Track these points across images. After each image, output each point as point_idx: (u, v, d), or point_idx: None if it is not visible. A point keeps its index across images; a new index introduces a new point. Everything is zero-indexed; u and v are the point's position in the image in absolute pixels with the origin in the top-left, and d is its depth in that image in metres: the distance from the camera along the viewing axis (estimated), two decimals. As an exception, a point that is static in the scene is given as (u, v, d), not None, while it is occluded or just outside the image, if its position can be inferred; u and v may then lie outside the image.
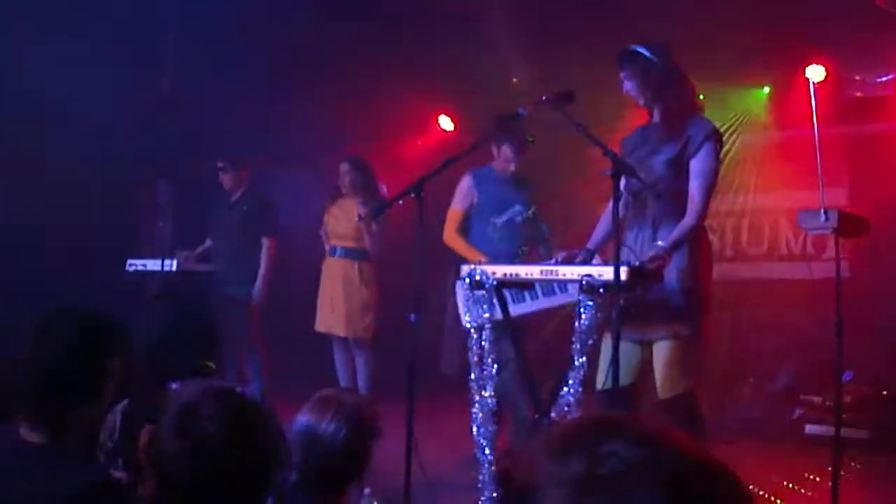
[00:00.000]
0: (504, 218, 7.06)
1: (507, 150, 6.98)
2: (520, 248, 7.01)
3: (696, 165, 5.00)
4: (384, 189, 8.22)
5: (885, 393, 7.98)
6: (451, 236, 7.20)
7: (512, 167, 7.05)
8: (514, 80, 10.13)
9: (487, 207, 7.11)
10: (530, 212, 7.11)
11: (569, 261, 5.03)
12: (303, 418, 3.35)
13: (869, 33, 7.93)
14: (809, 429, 7.95)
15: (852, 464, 6.53)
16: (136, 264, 8.45)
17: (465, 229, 7.18)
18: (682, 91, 5.14)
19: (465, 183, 7.23)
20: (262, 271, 8.46)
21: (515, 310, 5.37)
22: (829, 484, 5.02)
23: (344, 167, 8.23)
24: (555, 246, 6.76)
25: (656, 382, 5.03)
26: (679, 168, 5.02)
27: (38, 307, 2.97)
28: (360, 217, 7.92)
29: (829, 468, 5.07)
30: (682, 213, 4.97)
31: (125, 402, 3.53)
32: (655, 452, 1.35)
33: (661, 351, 4.99)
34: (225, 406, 2.41)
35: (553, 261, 5.08)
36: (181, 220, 9.75)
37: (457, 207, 7.23)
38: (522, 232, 7.07)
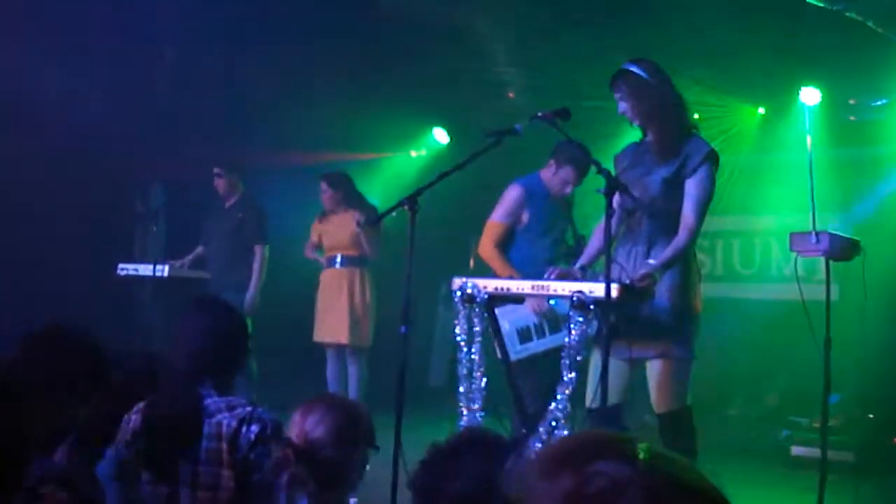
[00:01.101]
0: (553, 237, 6.77)
1: (569, 172, 6.59)
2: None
3: (692, 186, 4.99)
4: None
5: (871, 416, 8.00)
6: (489, 250, 6.67)
7: (569, 190, 6.71)
8: (510, 94, 10.15)
9: (538, 226, 6.71)
10: (576, 231, 6.81)
11: (562, 278, 5.01)
12: (297, 420, 3.35)
13: (864, 57, 7.96)
14: (796, 450, 7.96)
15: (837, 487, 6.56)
16: (127, 269, 8.43)
17: (504, 245, 6.69)
18: (677, 110, 5.13)
19: (515, 194, 6.72)
20: (253, 279, 8.45)
21: (525, 349, 5.35)
22: (815, 506, 5.04)
23: (322, 185, 8.36)
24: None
25: (651, 399, 5.05)
26: (675, 187, 5.01)
27: (31, 312, 2.99)
28: (358, 224, 7.96)
29: (815, 490, 5.07)
30: (677, 232, 4.98)
31: (144, 402, 3.53)
32: (644, 473, 1.34)
33: (655, 369, 5.00)
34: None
35: (546, 276, 5.06)
36: (174, 226, 9.74)
37: (500, 220, 6.70)
38: (564, 253, 6.76)
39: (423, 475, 2.61)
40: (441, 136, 11.13)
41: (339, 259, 8.30)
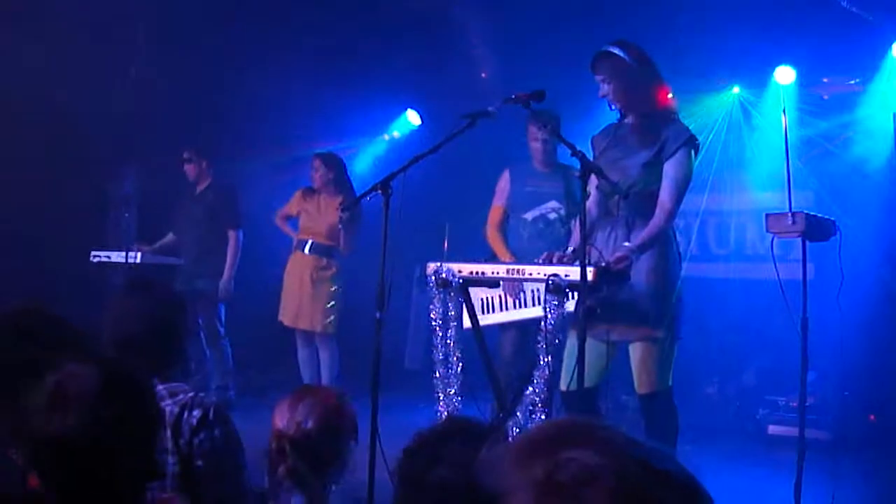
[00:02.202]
0: (535, 214, 6.91)
1: (532, 129, 6.70)
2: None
3: (670, 168, 4.98)
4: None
5: (846, 394, 8.03)
6: (491, 234, 7.05)
7: (539, 146, 6.83)
8: (483, 74, 10.09)
9: (518, 203, 6.96)
10: (567, 209, 6.87)
11: (559, 261, 4.97)
12: (282, 414, 3.31)
13: (838, 36, 7.96)
14: (773, 429, 7.99)
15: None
16: (100, 256, 8.36)
17: (505, 227, 7.02)
18: (657, 93, 5.11)
19: (503, 176, 7.07)
20: (227, 264, 8.40)
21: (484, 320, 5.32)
22: (792, 484, 5.04)
23: (316, 163, 8.22)
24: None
25: (634, 380, 5.07)
26: (654, 171, 5.00)
27: (2, 297, 2.94)
28: (340, 220, 7.85)
29: (793, 468, 5.08)
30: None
31: None
32: (615, 460, 1.36)
33: (638, 351, 5.02)
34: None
35: (545, 257, 5.03)
36: (146, 212, 9.67)
37: (497, 203, 7.07)
38: (558, 231, 6.87)
39: (408, 463, 2.59)
40: (414, 118, 11.06)
41: (309, 244, 8.17)
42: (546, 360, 4.61)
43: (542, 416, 4.63)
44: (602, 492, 1.32)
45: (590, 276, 4.39)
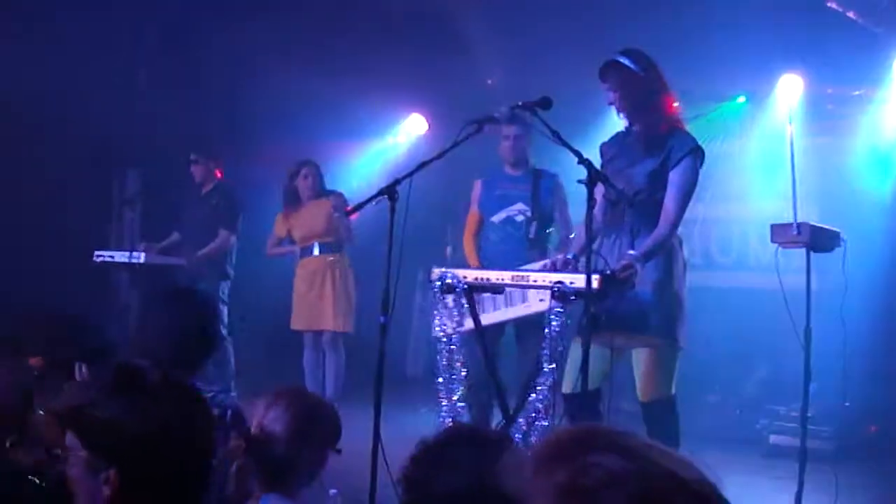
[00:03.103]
0: (502, 216, 6.94)
1: (504, 127, 6.67)
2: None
3: (675, 177, 5.00)
4: None
5: (848, 405, 8.02)
6: (466, 239, 7.18)
7: (508, 143, 6.87)
8: (489, 81, 10.09)
9: (488, 206, 7.02)
10: (532, 211, 6.88)
11: (564, 266, 5.00)
12: (259, 409, 3.30)
13: (844, 46, 7.96)
14: (774, 439, 7.97)
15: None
16: (103, 255, 8.37)
17: (480, 233, 7.11)
18: (664, 103, 5.13)
19: (475, 185, 7.19)
20: (206, 250, 8.41)
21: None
22: (794, 494, 5.04)
23: (305, 171, 8.25)
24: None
25: (637, 387, 5.08)
26: (659, 180, 5.02)
27: (9, 298, 2.98)
28: (336, 209, 7.89)
29: (794, 479, 5.08)
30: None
31: None
32: (640, 465, 1.37)
33: (641, 358, 5.04)
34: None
35: (542, 266, 5.05)
36: (151, 213, 9.68)
37: (472, 209, 7.19)
38: (527, 233, 6.90)
39: (414, 471, 2.59)
40: (420, 123, 11.07)
41: (316, 247, 8.19)
42: (550, 367, 4.62)
43: (545, 423, 4.64)
44: (623, 496, 1.33)
45: (595, 284, 4.39)
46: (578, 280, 4.46)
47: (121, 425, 2.09)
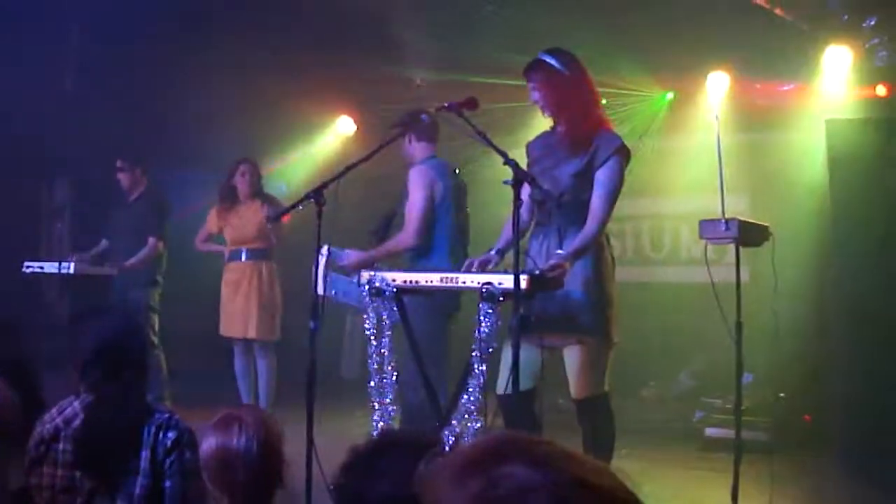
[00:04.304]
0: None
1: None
2: None
3: (601, 177, 5.00)
4: None
5: (782, 395, 8.10)
6: None
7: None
8: (418, 81, 10.05)
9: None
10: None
11: (484, 266, 4.98)
12: (211, 440, 3.21)
13: (771, 42, 8.04)
14: (710, 431, 8.03)
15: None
16: (33, 266, 8.26)
17: None
18: (589, 103, 5.14)
19: None
20: (134, 259, 8.33)
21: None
22: (730, 486, 5.07)
23: (243, 168, 8.15)
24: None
25: (570, 385, 5.07)
26: (585, 180, 5.02)
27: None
28: (268, 219, 7.80)
29: (730, 471, 5.11)
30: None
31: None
32: (551, 475, 1.34)
33: (573, 356, 5.02)
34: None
35: (466, 265, 5.01)
36: (79, 222, 9.55)
37: None
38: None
39: (345, 479, 2.55)
40: (349, 124, 11.03)
41: (244, 253, 8.12)
42: (480, 368, 4.61)
43: (478, 424, 4.63)
44: None
45: (523, 284, 4.38)
46: (507, 281, 4.45)
47: None
